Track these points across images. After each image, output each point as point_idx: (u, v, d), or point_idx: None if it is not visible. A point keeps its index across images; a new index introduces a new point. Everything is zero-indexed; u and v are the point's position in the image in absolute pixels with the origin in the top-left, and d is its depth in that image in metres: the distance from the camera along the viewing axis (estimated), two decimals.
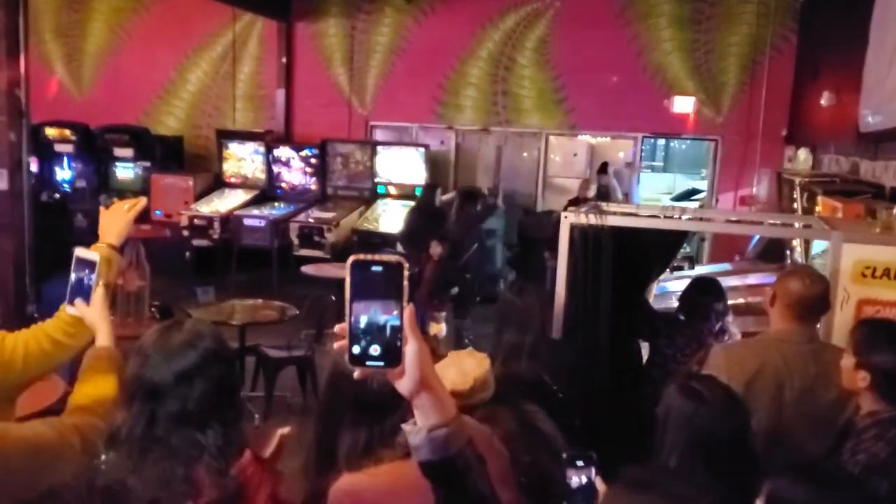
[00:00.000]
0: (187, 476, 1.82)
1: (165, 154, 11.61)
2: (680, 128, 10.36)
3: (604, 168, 10.23)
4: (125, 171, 11.53)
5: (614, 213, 3.48)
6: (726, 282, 5.94)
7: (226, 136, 11.45)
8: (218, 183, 11.43)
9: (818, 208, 4.68)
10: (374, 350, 1.22)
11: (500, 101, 10.87)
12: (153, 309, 6.12)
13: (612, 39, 10.29)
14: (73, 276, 2.24)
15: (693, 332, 3.66)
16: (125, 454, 1.86)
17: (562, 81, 10.60)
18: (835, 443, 2.53)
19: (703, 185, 17.17)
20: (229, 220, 10.56)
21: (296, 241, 10.24)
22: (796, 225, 4.34)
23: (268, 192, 11.23)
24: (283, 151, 11.17)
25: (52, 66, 12.44)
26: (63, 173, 11.54)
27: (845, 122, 6.35)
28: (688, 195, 16.18)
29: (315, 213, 10.53)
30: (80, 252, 2.26)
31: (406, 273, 1.21)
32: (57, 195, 11.41)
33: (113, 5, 12.21)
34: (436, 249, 7.93)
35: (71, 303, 2.24)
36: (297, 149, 11.12)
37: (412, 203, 10.50)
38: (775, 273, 6.26)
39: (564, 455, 1.99)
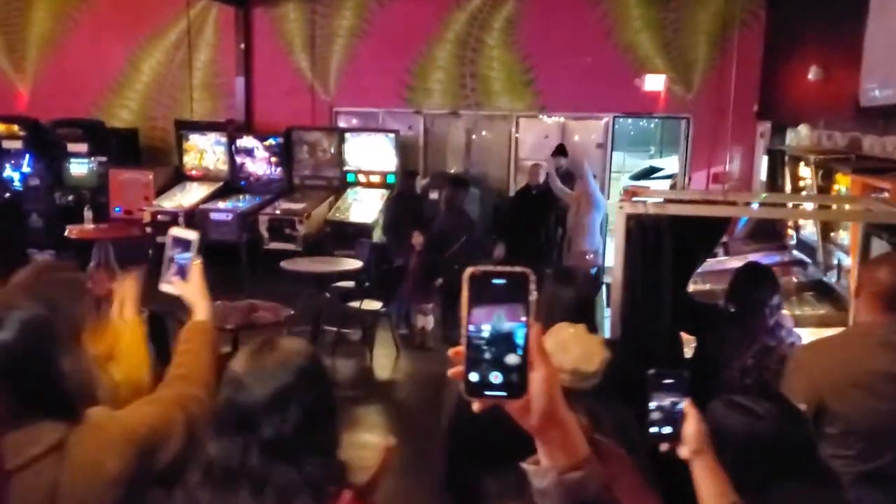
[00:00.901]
0: None
1: (121, 148, 11.15)
2: (651, 107, 10.29)
3: (561, 150, 10.05)
4: (80, 167, 11.03)
5: (676, 202, 3.33)
6: (727, 264, 5.88)
7: (185, 126, 11.03)
8: (179, 176, 11.03)
9: (839, 187, 4.61)
10: (496, 377, 1.05)
11: (469, 83, 10.66)
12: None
13: (581, 18, 10.16)
14: (168, 255, 2.26)
15: (745, 328, 3.50)
16: (215, 489, 1.73)
17: (531, 62, 10.43)
18: None
19: (659, 162, 17.36)
20: (194, 215, 10.18)
21: (266, 234, 9.93)
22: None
23: (231, 183, 10.88)
24: (245, 141, 10.82)
25: None
26: (13, 171, 10.99)
27: (838, 96, 6.31)
28: (647, 173, 16.23)
29: (283, 205, 10.22)
30: (175, 231, 2.31)
31: (533, 285, 1.05)
32: (7, 195, 10.88)
33: None
34: (417, 239, 7.75)
35: (167, 281, 2.26)
36: (261, 138, 10.78)
37: (383, 191, 10.31)
38: (777, 252, 6.24)
39: (651, 372, 1.82)
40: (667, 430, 1.75)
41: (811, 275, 5.26)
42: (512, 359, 1.04)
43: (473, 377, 1.05)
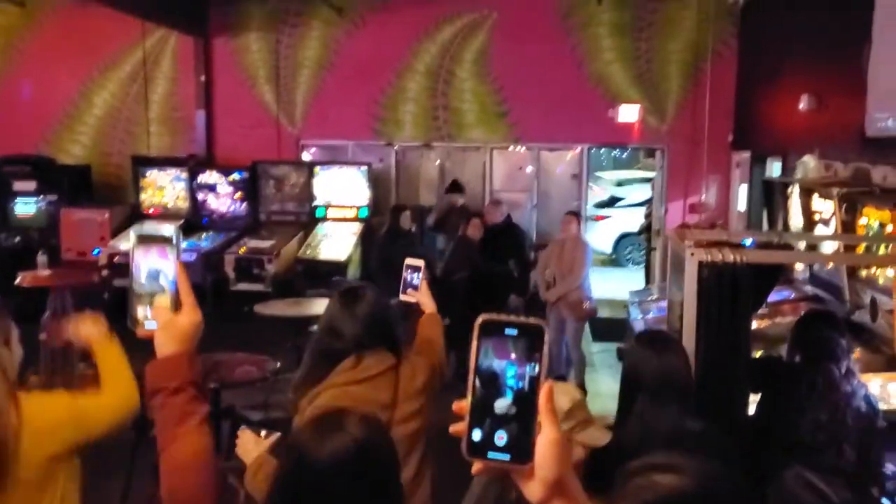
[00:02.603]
0: None
1: (72, 186, 10.51)
2: (625, 137, 10.20)
3: (455, 187, 9.44)
4: (27, 207, 10.36)
5: (756, 250, 3.08)
6: None
7: (142, 162, 10.50)
8: (136, 215, 10.44)
9: (868, 220, 4.44)
10: (500, 438, 0.98)
11: (441, 115, 10.42)
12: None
13: (554, 49, 10.03)
14: (405, 276, 3.20)
15: (814, 379, 3.26)
16: None
17: (504, 94, 10.25)
18: None
19: (622, 192, 17.34)
20: None
21: (232, 274, 9.44)
22: None
23: (193, 221, 10.35)
24: (207, 177, 10.34)
25: None
26: None
27: (838, 125, 6.23)
28: (610, 202, 16.19)
29: (250, 243, 9.76)
30: (409, 260, 3.25)
31: (547, 341, 0.99)
32: None
33: (1, 23, 11.04)
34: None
35: (404, 292, 3.19)
36: (224, 173, 10.31)
37: (356, 225, 9.95)
38: (786, 287, 6.06)
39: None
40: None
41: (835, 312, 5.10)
42: (520, 418, 0.98)
43: (476, 435, 0.98)
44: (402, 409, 2.64)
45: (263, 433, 2.67)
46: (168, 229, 1.49)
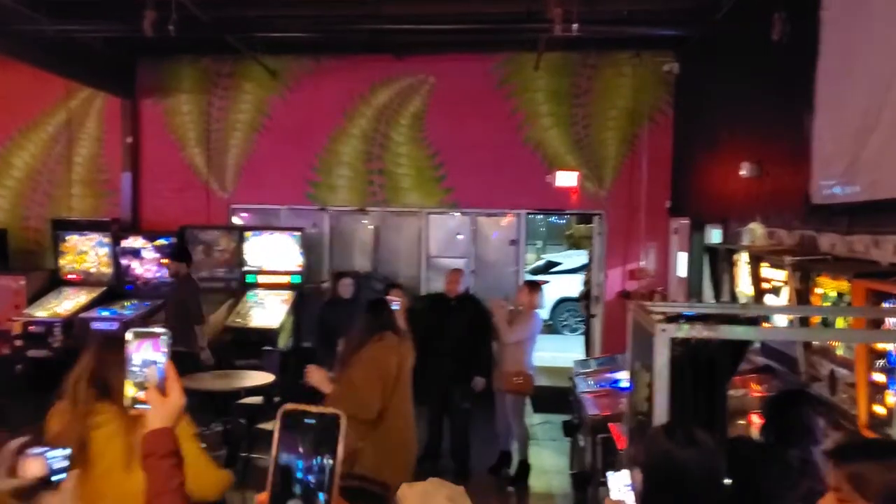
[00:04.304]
0: None
1: None
2: (563, 203, 10.11)
3: (179, 254, 8.43)
4: None
5: (732, 326, 2.85)
6: None
7: (63, 226, 10.00)
8: (54, 281, 9.92)
9: (825, 291, 4.32)
10: None
11: (377, 179, 10.21)
12: None
13: (491, 114, 9.96)
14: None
15: (788, 462, 3.04)
16: None
17: (441, 158, 10.11)
18: None
19: (558, 257, 17.34)
20: (73, 325, 9.14)
21: None
22: None
23: (116, 288, 9.87)
24: (132, 241, 9.89)
25: None
26: None
27: (779, 193, 6.18)
28: (546, 268, 16.13)
29: None
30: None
31: (344, 429, 1.08)
32: None
33: None
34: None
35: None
36: (150, 238, 9.88)
37: (288, 293, 9.60)
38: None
39: None
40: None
41: (790, 384, 4.95)
42: (317, 500, 1.05)
43: None
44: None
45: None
46: (160, 328, 1.75)
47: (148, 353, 1.70)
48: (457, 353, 6.94)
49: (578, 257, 15.81)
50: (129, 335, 1.70)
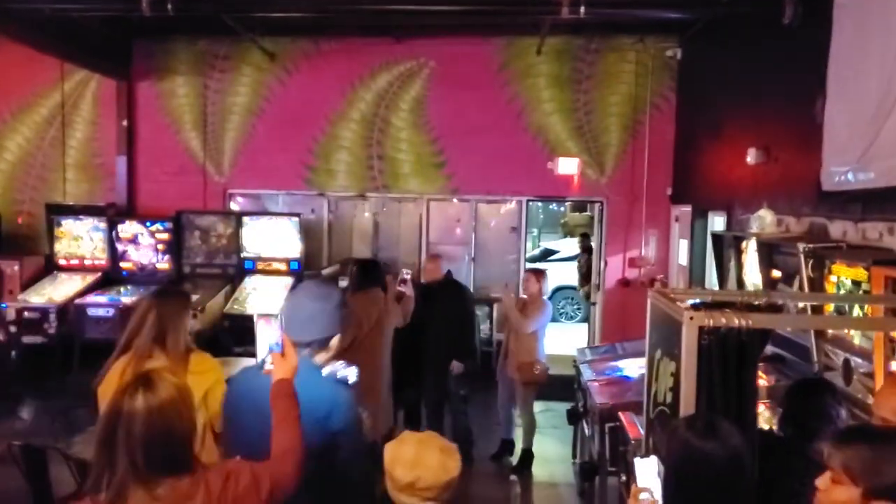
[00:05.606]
0: None
1: None
2: (564, 190, 10.02)
3: None
4: None
5: (764, 314, 2.75)
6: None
7: (58, 211, 9.87)
8: (49, 267, 9.79)
9: (839, 278, 4.24)
10: None
11: (377, 165, 10.09)
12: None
13: (492, 100, 9.84)
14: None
15: (808, 455, 2.94)
16: None
17: (441, 144, 9.99)
18: None
19: (556, 245, 17.25)
20: (68, 311, 9.03)
21: None
22: None
23: (112, 274, 9.75)
24: (128, 227, 9.76)
25: None
26: None
27: (788, 179, 6.10)
28: (543, 256, 16.04)
29: None
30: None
31: None
32: None
33: None
34: None
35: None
36: (146, 223, 9.75)
37: (287, 279, 9.49)
38: None
39: None
40: None
41: (803, 372, 4.87)
42: None
43: None
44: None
45: None
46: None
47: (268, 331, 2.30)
48: (446, 338, 6.85)
49: (574, 245, 15.72)
50: (256, 318, 2.57)
